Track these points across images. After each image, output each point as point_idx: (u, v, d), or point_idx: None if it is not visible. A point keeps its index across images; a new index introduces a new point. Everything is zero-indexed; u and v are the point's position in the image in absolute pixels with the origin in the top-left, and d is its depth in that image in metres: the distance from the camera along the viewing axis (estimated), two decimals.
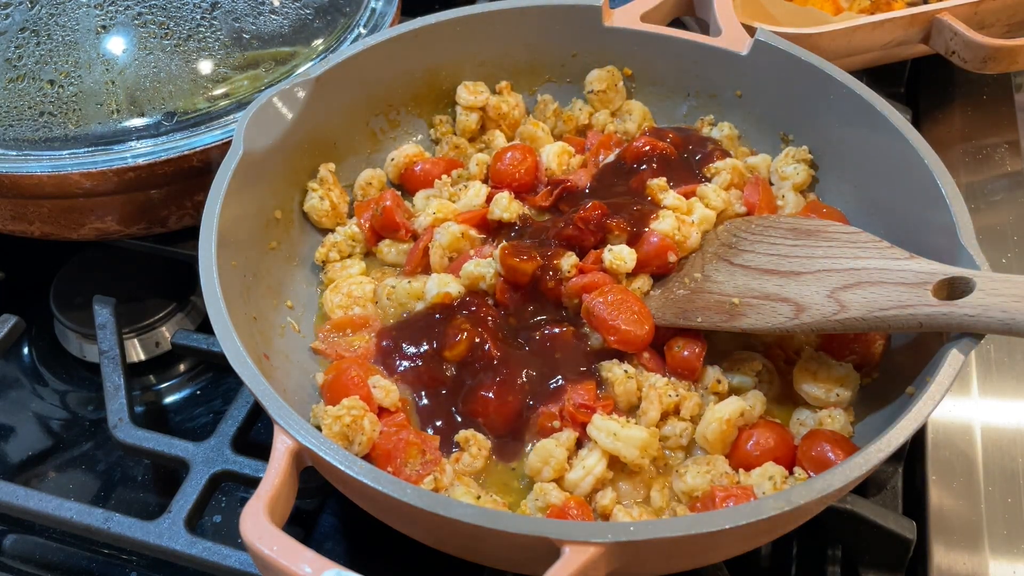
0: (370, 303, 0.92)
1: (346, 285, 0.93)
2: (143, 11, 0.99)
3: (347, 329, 0.90)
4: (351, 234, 0.97)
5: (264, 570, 0.61)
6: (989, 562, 0.78)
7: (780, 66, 0.97)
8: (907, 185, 0.86)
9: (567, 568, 0.59)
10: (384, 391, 0.81)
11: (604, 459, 0.77)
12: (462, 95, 1.06)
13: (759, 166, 1.00)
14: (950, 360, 0.69)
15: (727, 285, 0.84)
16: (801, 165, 0.97)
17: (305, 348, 0.89)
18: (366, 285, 0.93)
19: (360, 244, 0.97)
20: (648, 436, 0.77)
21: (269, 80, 1.01)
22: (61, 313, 1.04)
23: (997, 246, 1.04)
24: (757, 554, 0.84)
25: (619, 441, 0.77)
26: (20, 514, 0.83)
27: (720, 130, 1.04)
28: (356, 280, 0.94)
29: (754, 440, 0.78)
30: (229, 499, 0.91)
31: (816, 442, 0.77)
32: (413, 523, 0.69)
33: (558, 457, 0.77)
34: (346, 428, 0.76)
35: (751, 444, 0.78)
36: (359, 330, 0.90)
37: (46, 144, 0.94)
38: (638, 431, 0.77)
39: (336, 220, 0.98)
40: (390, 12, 1.12)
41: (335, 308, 0.91)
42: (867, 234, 0.79)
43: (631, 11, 1.05)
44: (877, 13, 1.16)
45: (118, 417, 0.88)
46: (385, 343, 0.87)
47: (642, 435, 0.77)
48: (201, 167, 0.95)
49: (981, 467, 0.84)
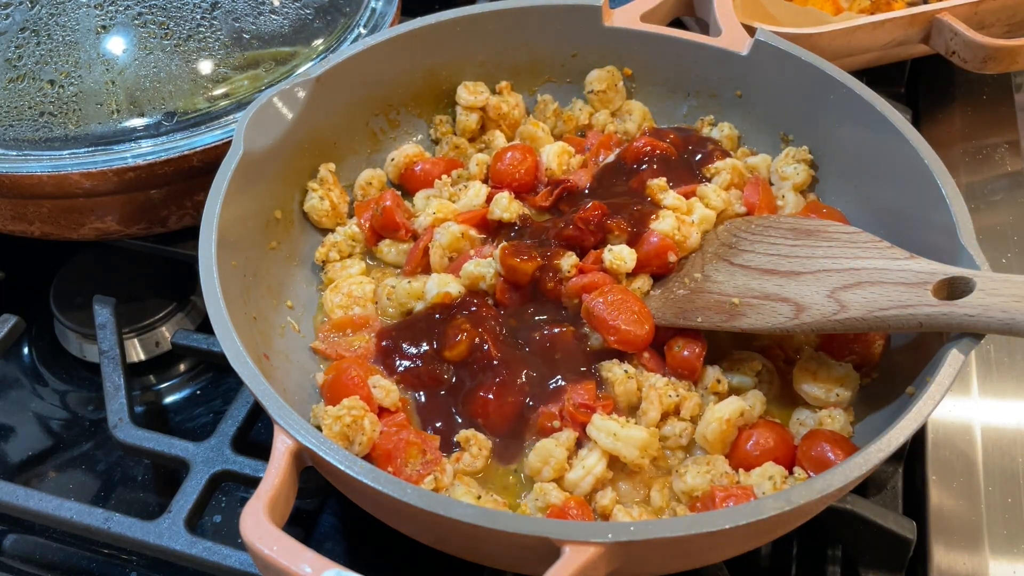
0: (370, 303, 0.92)
1: (346, 285, 0.93)
2: (143, 11, 0.99)
3: (347, 329, 0.90)
4: (351, 234, 0.97)
5: (264, 570, 0.61)
6: (989, 562, 0.78)
7: (780, 66, 0.97)
8: (907, 185, 0.86)
9: (567, 568, 0.59)
10: (384, 391, 0.81)
11: (604, 459, 0.77)
12: (462, 95, 1.06)
13: (759, 166, 1.00)
14: (950, 360, 0.69)
15: (727, 285, 0.84)
16: (801, 165, 0.97)
17: (305, 348, 0.89)
18: (366, 285, 0.93)
19: (360, 244, 0.97)
20: (648, 436, 0.77)
21: (269, 80, 1.01)
22: (61, 313, 1.04)
23: (997, 246, 1.04)
24: (757, 554, 0.84)
25: (619, 441, 0.77)
26: (20, 514, 0.83)
27: (720, 130, 1.04)
28: (356, 280, 0.94)
29: (754, 440, 0.78)
30: (229, 499, 0.91)
31: (816, 442, 0.77)
32: (413, 523, 0.70)
33: (558, 457, 0.77)
34: (346, 428, 0.76)
35: (751, 444, 0.78)
36: (359, 330, 0.90)
37: (46, 144, 0.94)
38: (638, 431, 0.77)
39: (336, 220, 0.98)
40: (390, 12, 1.12)
41: (335, 308, 0.91)
42: (867, 234, 0.79)
43: (631, 11, 1.05)
44: (877, 13, 1.16)
45: (118, 417, 0.88)
46: (385, 343, 0.87)
47: (642, 435, 0.77)
48: (201, 167, 0.95)
49: (981, 467, 0.84)
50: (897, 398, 0.77)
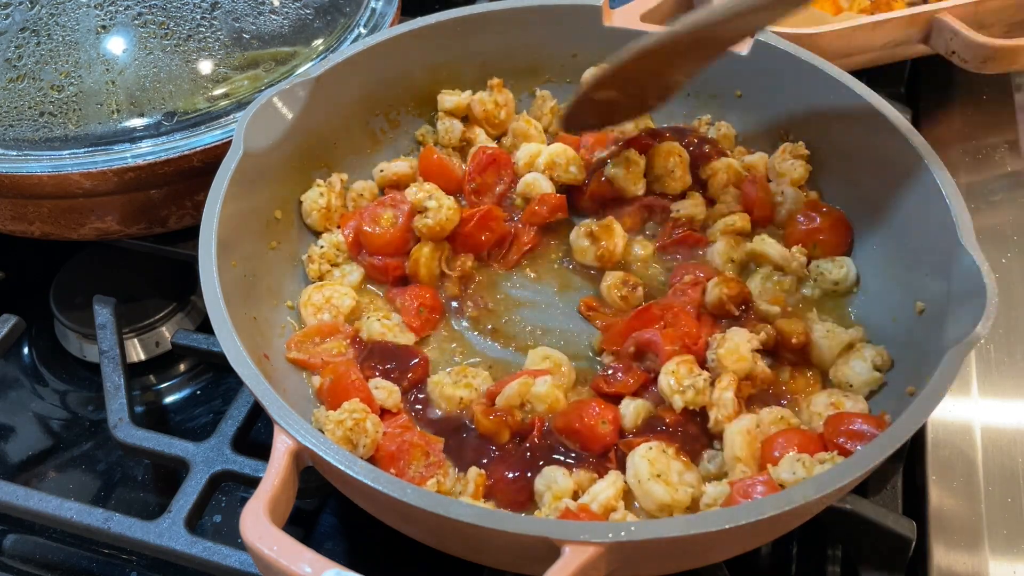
0: (342, 316, 0.90)
1: (330, 289, 0.91)
2: (143, 11, 0.99)
3: (316, 337, 0.88)
4: (336, 243, 0.95)
5: (264, 570, 0.61)
6: (989, 562, 0.78)
7: (780, 66, 0.97)
8: (907, 185, 0.86)
9: (567, 568, 0.59)
10: (387, 392, 0.81)
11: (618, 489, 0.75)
12: (443, 100, 1.05)
13: (756, 164, 1.00)
14: (950, 360, 0.69)
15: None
16: (798, 161, 0.97)
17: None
18: (346, 299, 0.91)
19: (344, 254, 0.96)
20: (670, 501, 0.73)
21: (269, 80, 1.01)
22: (61, 313, 1.04)
23: (997, 246, 1.04)
24: (757, 554, 0.84)
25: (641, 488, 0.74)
26: (20, 514, 0.83)
27: (717, 129, 1.04)
28: (343, 290, 0.91)
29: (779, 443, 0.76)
30: (229, 499, 0.91)
31: (842, 420, 0.76)
32: (413, 523, 0.70)
33: (561, 485, 0.75)
34: (349, 432, 0.75)
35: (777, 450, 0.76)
36: (329, 337, 0.88)
37: (46, 144, 0.94)
38: (661, 490, 0.73)
39: (326, 223, 0.97)
40: (390, 12, 1.12)
41: (310, 305, 0.89)
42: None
43: (631, 11, 1.05)
44: (877, 13, 1.16)
45: (118, 417, 0.88)
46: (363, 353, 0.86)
47: (665, 498, 0.73)
48: (201, 167, 0.95)
49: (981, 467, 0.84)
50: (897, 398, 0.77)
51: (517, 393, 0.80)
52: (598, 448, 0.78)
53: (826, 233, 0.93)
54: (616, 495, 0.74)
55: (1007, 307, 0.96)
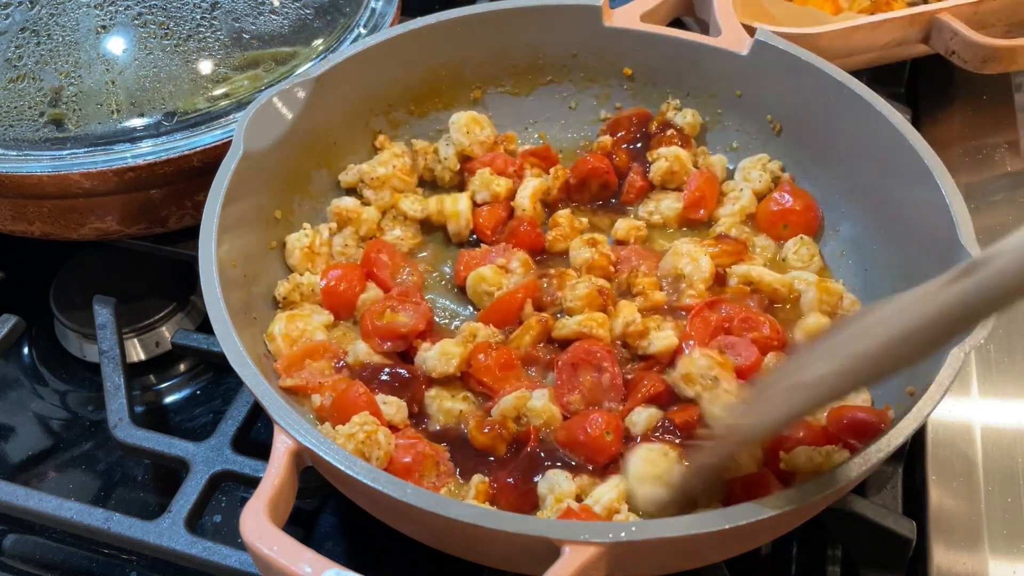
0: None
1: (303, 323, 0.86)
2: (143, 11, 0.99)
3: (305, 360, 0.83)
4: (312, 283, 0.90)
5: (264, 570, 0.61)
6: (989, 562, 0.78)
7: (780, 66, 0.97)
8: (907, 185, 0.86)
9: (567, 568, 0.59)
10: (395, 407, 0.80)
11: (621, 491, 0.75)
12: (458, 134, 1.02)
13: (714, 165, 1.02)
14: (950, 360, 0.69)
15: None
16: (767, 175, 0.99)
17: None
18: (319, 334, 0.86)
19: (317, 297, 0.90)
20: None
21: (269, 80, 1.01)
22: (61, 313, 1.04)
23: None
24: (757, 554, 0.84)
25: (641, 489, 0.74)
26: (20, 514, 0.83)
27: (683, 116, 1.04)
28: (316, 326, 0.87)
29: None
30: (229, 499, 0.91)
31: (843, 412, 0.76)
32: (413, 523, 0.70)
33: (564, 488, 0.75)
34: (361, 445, 0.74)
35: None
36: (318, 358, 0.84)
37: (46, 144, 0.94)
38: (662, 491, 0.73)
39: (308, 263, 0.92)
40: (390, 12, 1.12)
41: (286, 336, 0.84)
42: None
43: (631, 11, 1.05)
44: (877, 13, 1.16)
45: (118, 417, 0.88)
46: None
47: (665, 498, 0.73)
48: (201, 167, 0.95)
49: (981, 467, 0.84)
50: (897, 398, 0.77)
51: (513, 406, 0.80)
52: (603, 459, 0.77)
53: (797, 215, 0.96)
54: (619, 497, 0.73)
55: None
